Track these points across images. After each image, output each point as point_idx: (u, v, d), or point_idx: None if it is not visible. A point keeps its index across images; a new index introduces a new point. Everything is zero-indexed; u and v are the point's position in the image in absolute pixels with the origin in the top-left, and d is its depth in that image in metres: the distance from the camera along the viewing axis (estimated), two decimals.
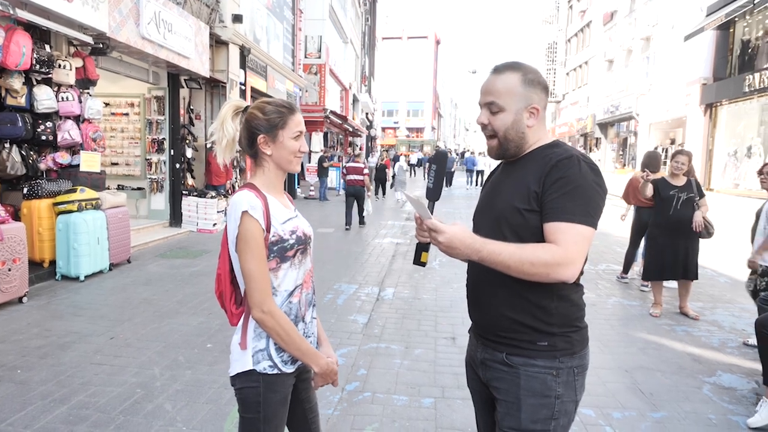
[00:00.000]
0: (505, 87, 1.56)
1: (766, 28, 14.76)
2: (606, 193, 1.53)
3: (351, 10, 28.49)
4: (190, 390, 3.43)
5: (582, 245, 1.44)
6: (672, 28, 20.23)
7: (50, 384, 3.46)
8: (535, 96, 1.57)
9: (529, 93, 1.56)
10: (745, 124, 15.73)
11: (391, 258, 8.04)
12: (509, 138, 1.59)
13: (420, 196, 1.60)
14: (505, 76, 1.57)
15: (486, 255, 1.44)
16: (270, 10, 14.72)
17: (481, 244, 1.45)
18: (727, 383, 3.78)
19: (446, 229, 1.47)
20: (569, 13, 38.01)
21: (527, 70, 1.58)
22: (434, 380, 3.70)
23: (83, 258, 6.05)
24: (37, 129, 6.15)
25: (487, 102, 1.59)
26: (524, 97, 1.56)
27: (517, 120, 1.57)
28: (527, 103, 1.56)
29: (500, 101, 1.56)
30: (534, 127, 1.59)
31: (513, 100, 1.56)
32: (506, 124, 1.57)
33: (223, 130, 1.77)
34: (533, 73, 1.58)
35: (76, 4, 6.16)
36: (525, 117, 1.57)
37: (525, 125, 1.57)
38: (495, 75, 1.59)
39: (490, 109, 1.58)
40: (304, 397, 1.86)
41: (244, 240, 1.62)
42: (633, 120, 24.71)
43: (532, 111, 1.57)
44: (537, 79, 1.58)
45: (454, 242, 1.45)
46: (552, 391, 1.51)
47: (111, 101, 9.80)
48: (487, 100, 1.59)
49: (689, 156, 5.12)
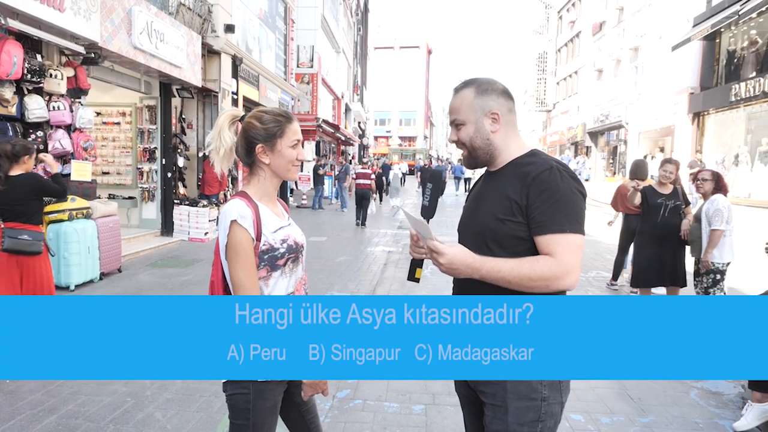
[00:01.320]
0: (461, 102, 1.66)
1: (751, 38, 15.04)
2: (585, 197, 1.59)
3: (343, 20, 28.68)
4: (180, 398, 3.43)
5: (576, 253, 1.50)
6: (659, 38, 20.56)
7: (39, 393, 3.45)
8: (491, 102, 1.64)
9: (485, 101, 1.64)
10: (732, 132, 15.98)
11: (383, 266, 8.06)
12: (476, 146, 1.66)
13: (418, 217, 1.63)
14: (461, 93, 1.67)
15: (486, 273, 1.49)
16: (262, 20, 14.80)
17: (480, 263, 1.50)
18: (714, 388, 3.83)
19: (447, 250, 1.51)
20: (559, 24, 38.50)
21: (480, 82, 1.67)
22: (425, 387, 3.72)
23: (73, 267, 6.02)
24: (27, 138, 6.13)
25: (452, 120, 1.71)
26: (480, 107, 1.64)
27: (479, 128, 1.64)
28: (485, 110, 1.64)
29: (461, 116, 1.66)
30: (499, 131, 1.65)
31: (471, 112, 1.65)
32: (470, 134, 1.66)
33: (221, 140, 1.79)
34: (486, 83, 1.66)
35: (68, 14, 6.18)
36: (487, 124, 1.64)
37: (488, 131, 1.64)
38: (455, 95, 1.70)
39: (456, 125, 1.69)
40: (299, 401, 1.87)
41: (233, 249, 1.64)
42: (622, 129, 25.02)
43: (493, 117, 1.64)
44: (491, 87, 1.65)
45: (455, 263, 1.50)
46: (538, 393, 1.54)
47: (103, 110, 9.79)
48: (451, 118, 1.71)
49: (677, 165, 5.21)
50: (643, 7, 22.89)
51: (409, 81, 61.67)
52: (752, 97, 14.18)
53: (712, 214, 4.41)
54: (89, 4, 6.58)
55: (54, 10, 5.95)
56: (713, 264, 4.45)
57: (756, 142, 14.61)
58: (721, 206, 4.38)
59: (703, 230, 4.53)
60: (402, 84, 60.81)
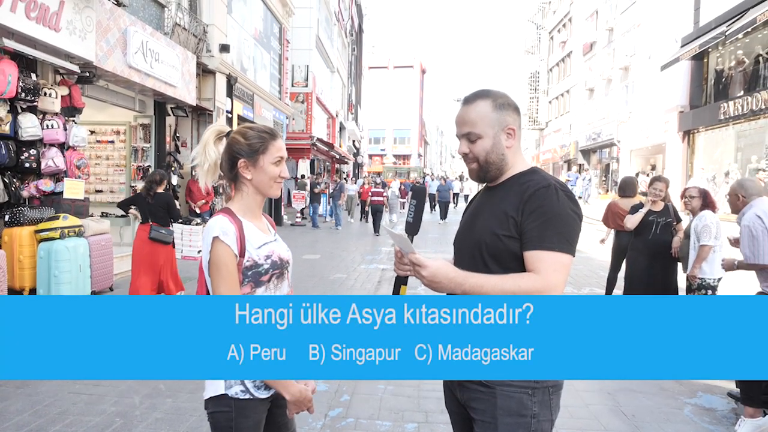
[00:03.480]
0: (478, 115, 1.62)
1: (738, 58, 15.31)
2: (582, 219, 1.59)
3: (338, 41, 29.03)
4: (170, 418, 3.38)
5: (561, 272, 1.49)
6: (649, 58, 20.90)
7: (26, 414, 3.39)
8: (508, 118, 1.63)
9: (503, 116, 1.62)
10: (721, 150, 16.16)
11: (377, 283, 8.04)
12: (490, 161, 1.64)
13: (401, 232, 1.63)
14: (477, 105, 1.63)
15: (469, 288, 1.48)
16: (257, 41, 14.96)
17: (463, 278, 1.49)
18: (708, 404, 3.82)
19: (429, 264, 1.50)
20: (550, 44, 39.11)
21: (496, 95, 1.65)
22: (418, 405, 3.69)
23: (64, 285, 5.96)
24: (20, 156, 6.13)
25: (465, 133, 1.65)
26: (498, 121, 1.62)
27: (496, 143, 1.62)
28: (503, 125, 1.62)
29: (477, 130, 1.62)
30: (512, 147, 1.65)
31: (489, 126, 1.61)
32: (486, 149, 1.63)
33: (206, 154, 1.80)
34: (502, 97, 1.65)
35: (63, 33, 6.23)
36: (503, 139, 1.63)
37: (504, 147, 1.63)
38: (467, 106, 1.65)
39: (469, 138, 1.64)
40: (282, 422, 1.84)
41: (215, 265, 1.64)
42: (614, 146, 25.26)
43: (509, 132, 1.63)
44: (507, 102, 1.64)
45: (437, 276, 1.49)
46: (528, 410, 1.53)
47: (97, 129, 9.80)
48: (464, 131, 1.65)
49: (666, 182, 5.27)
50: (632, 27, 23.32)
51: (403, 100, 62.20)
52: (740, 116, 14.38)
53: (700, 229, 4.46)
54: (85, 24, 6.64)
55: (50, 30, 6.00)
56: (704, 280, 4.49)
57: (746, 159, 14.78)
58: (709, 222, 4.44)
59: (691, 246, 4.58)
60: (396, 103, 61.32)
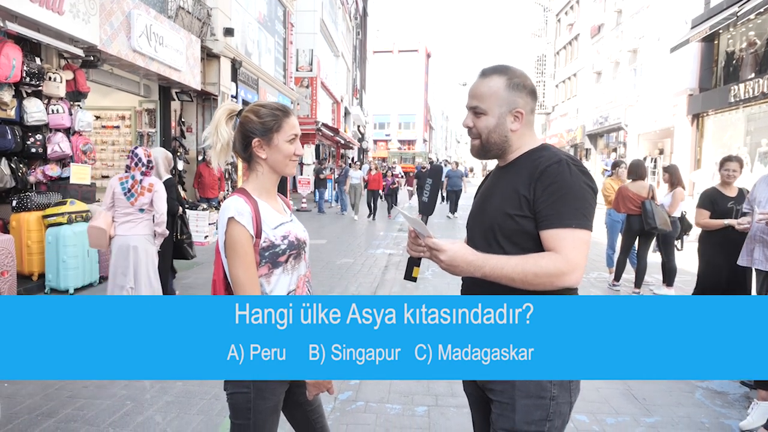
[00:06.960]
0: (489, 91, 1.57)
1: (749, 39, 15.05)
2: (597, 192, 1.54)
3: (342, 25, 28.73)
4: (180, 401, 3.39)
5: (582, 250, 1.45)
6: (658, 40, 20.57)
7: (38, 397, 3.41)
8: (519, 100, 1.57)
9: (514, 97, 1.56)
10: (731, 133, 15.97)
11: (384, 268, 8.03)
12: (491, 141, 1.59)
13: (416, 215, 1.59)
14: (491, 80, 1.57)
15: (489, 271, 1.44)
16: (261, 24, 14.82)
17: (483, 261, 1.45)
18: (720, 387, 3.80)
19: (448, 247, 1.46)
20: (557, 27, 38.57)
21: (514, 73, 1.58)
22: (428, 388, 3.68)
23: (72, 271, 5.98)
24: (26, 142, 6.12)
25: (472, 106, 1.60)
26: (508, 101, 1.56)
27: (500, 124, 1.57)
28: (511, 107, 1.56)
29: (483, 105, 1.57)
30: (519, 131, 1.59)
31: (496, 104, 1.56)
32: (489, 127, 1.58)
33: (218, 134, 1.76)
34: (520, 77, 1.58)
35: (67, 17, 6.17)
36: (509, 121, 1.57)
37: (508, 129, 1.58)
38: (482, 78, 1.60)
39: (475, 111, 1.59)
40: (303, 400, 1.83)
41: (231, 246, 1.62)
42: (622, 131, 25.01)
43: (516, 115, 1.57)
44: (523, 83, 1.58)
45: (456, 260, 1.45)
46: (547, 392, 1.50)
47: (102, 114, 9.78)
48: (472, 103, 1.60)
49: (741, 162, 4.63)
50: (641, 9, 22.93)
51: (408, 84, 61.74)
52: (751, 98, 14.18)
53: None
54: (88, 7, 6.57)
55: (53, 13, 5.94)
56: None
57: (755, 143, 14.60)
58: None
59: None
60: (401, 87, 60.89)
